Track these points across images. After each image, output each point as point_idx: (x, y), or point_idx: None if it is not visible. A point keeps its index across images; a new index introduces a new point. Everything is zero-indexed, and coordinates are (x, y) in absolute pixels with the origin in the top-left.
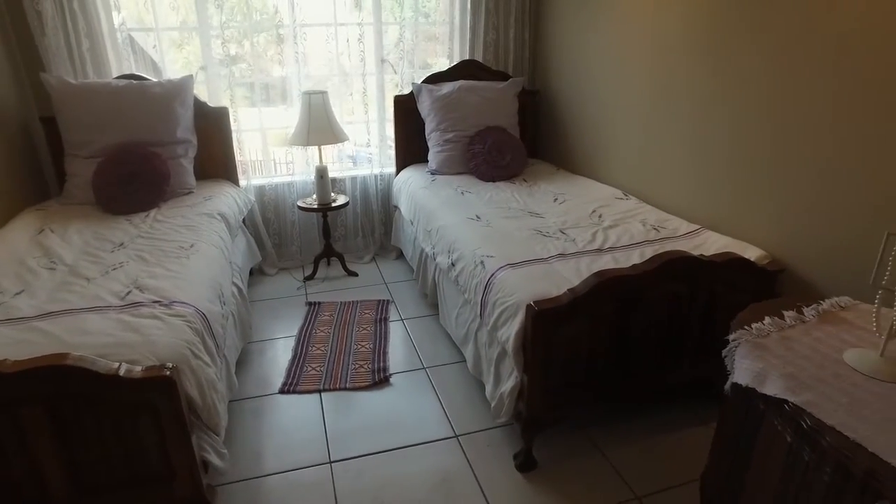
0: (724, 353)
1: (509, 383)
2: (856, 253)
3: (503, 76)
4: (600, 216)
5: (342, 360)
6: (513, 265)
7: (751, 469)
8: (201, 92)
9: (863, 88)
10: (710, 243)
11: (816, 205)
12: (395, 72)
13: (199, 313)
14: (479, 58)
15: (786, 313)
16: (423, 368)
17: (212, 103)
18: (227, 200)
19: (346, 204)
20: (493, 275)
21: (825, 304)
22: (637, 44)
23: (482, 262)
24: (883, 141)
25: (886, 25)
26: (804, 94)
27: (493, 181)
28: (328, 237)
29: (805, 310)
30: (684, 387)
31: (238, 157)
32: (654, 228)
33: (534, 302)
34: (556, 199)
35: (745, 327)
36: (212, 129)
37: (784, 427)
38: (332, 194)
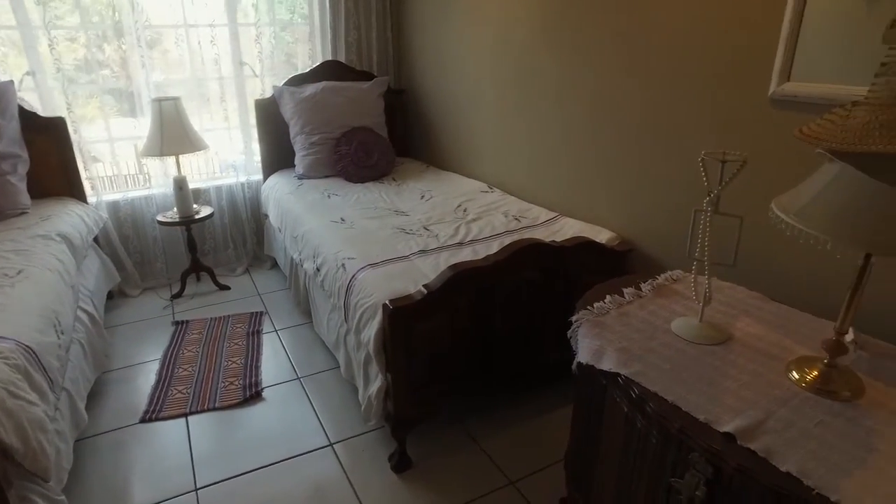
0: (568, 333)
1: (375, 384)
2: (684, 228)
3: (368, 76)
4: (465, 210)
5: (211, 379)
6: (373, 265)
7: (601, 442)
8: (33, 100)
9: (667, 85)
10: (567, 229)
11: (653, 187)
12: (256, 74)
13: (22, 347)
14: (342, 58)
15: (625, 290)
16: (298, 379)
17: (46, 113)
18: (70, 220)
19: (211, 215)
20: (353, 276)
21: (660, 279)
22: (485, 38)
23: (343, 265)
24: (685, 130)
25: (703, 27)
26: (635, 87)
27: (362, 182)
28: (195, 251)
29: (643, 285)
30: (552, 370)
31: (84, 172)
32: (515, 218)
33: (389, 301)
34: (423, 197)
35: (588, 307)
36: (47, 141)
37: (621, 399)
38: (196, 206)
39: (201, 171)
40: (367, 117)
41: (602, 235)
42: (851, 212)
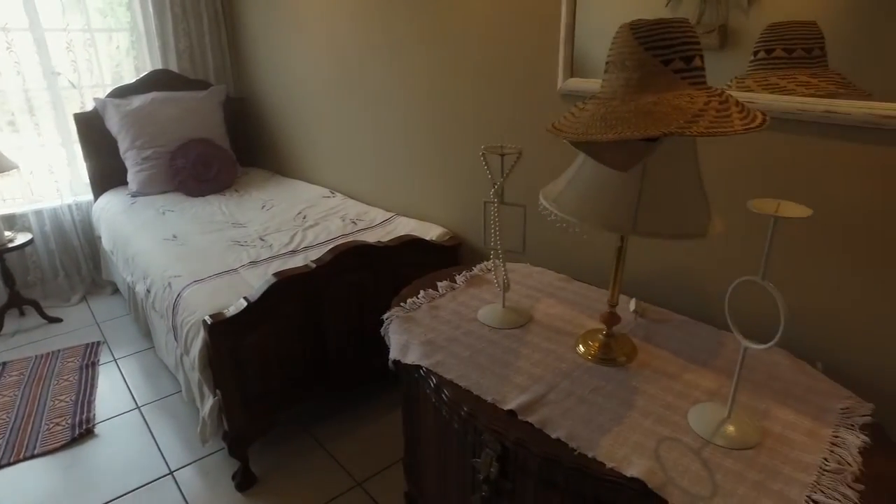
0: (381, 331)
1: (209, 404)
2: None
3: (203, 85)
4: (304, 217)
5: (32, 423)
6: (199, 281)
7: (422, 433)
8: None
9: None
10: (400, 228)
11: (476, 182)
12: (74, 86)
13: None
14: (173, 67)
15: (439, 284)
16: (137, 408)
17: None
18: None
19: (29, 242)
20: (179, 295)
21: (475, 270)
22: (314, 43)
23: (170, 284)
24: (497, 126)
25: (506, 31)
26: (451, 88)
27: (203, 196)
28: (12, 284)
29: (457, 277)
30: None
31: None
32: (353, 222)
33: (210, 316)
34: (263, 206)
35: (401, 304)
36: None
37: (430, 391)
38: (8, 233)
39: (14, 195)
40: (206, 128)
41: (433, 232)
42: (592, 196)
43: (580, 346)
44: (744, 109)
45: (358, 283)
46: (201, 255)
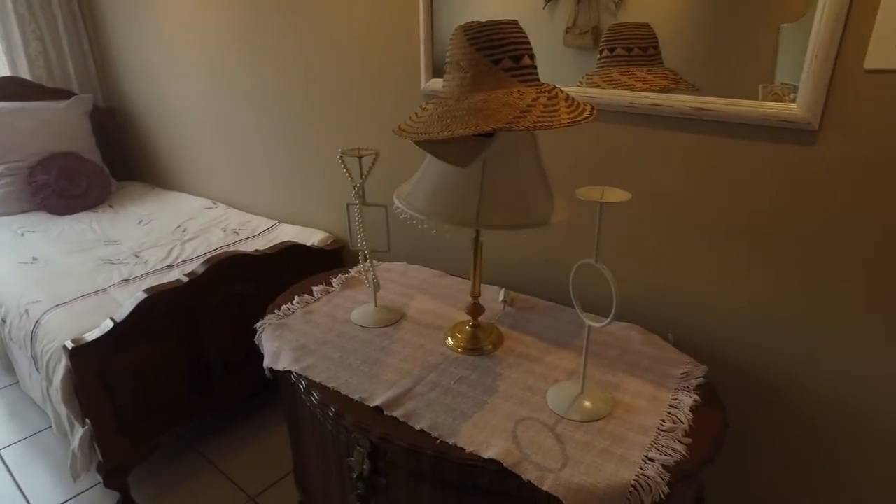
0: (255, 340)
1: (78, 435)
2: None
3: (64, 94)
4: (184, 230)
5: None
6: (62, 305)
7: (305, 440)
8: None
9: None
10: (283, 236)
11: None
12: None
13: None
14: (25, 74)
15: (315, 288)
16: None
17: None
18: None
19: None
20: (37, 322)
21: (352, 272)
22: (186, 49)
23: (27, 311)
24: (373, 129)
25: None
26: (324, 91)
27: (72, 213)
28: None
29: (333, 281)
30: None
31: None
32: (235, 232)
33: (71, 341)
34: (141, 221)
35: (275, 311)
36: None
37: (303, 395)
38: None
39: None
40: (70, 141)
41: (315, 237)
42: (438, 192)
43: (448, 338)
44: (573, 103)
45: (238, 294)
46: (65, 277)
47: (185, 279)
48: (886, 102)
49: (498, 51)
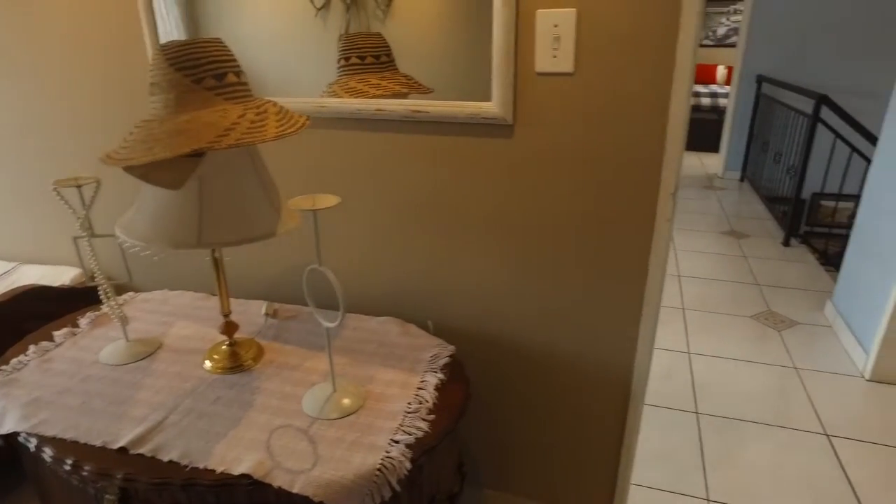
0: None
1: None
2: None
3: None
4: None
5: None
6: None
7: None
8: None
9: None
10: (25, 279)
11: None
12: None
13: None
14: None
15: (56, 333)
16: None
17: None
18: None
19: None
20: None
21: (105, 308)
22: None
23: None
24: None
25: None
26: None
27: None
28: None
29: (81, 321)
30: None
31: None
32: None
33: None
34: None
35: (1, 368)
36: None
37: (38, 454)
38: None
39: None
40: None
41: (66, 276)
42: (158, 217)
43: (207, 361)
44: (284, 116)
45: None
46: None
47: None
48: (554, 98)
49: (199, 70)
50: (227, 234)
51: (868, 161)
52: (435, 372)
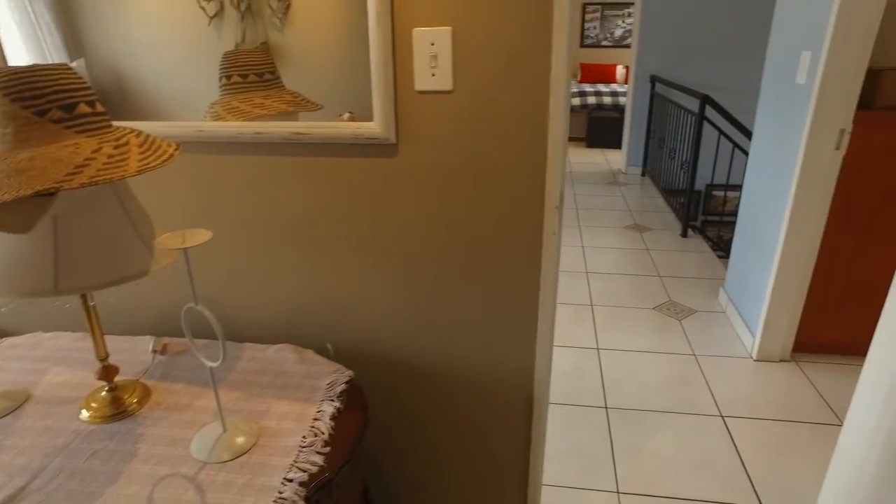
0: None
1: None
2: None
3: None
4: None
5: None
6: None
7: None
8: None
9: None
10: None
11: None
12: None
13: None
14: None
15: None
16: None
17: None
18: None
19: None
20: None
21: None
22: None
23: None
24: None
25: None
26: None
27: None
28: None
29: None
30: None
31: None
32: None
33: None
34: None
35: None
36: None
37: None
38: None
39: None
40: None
41: None
42: (7, 263)
43: (83, 410)
44: (150, 147)
45: None
46: None
47: None
48: (436, 115)
49: (42, 100)
50: (90, 278)
51: (747, 155)
52: (332, 400)
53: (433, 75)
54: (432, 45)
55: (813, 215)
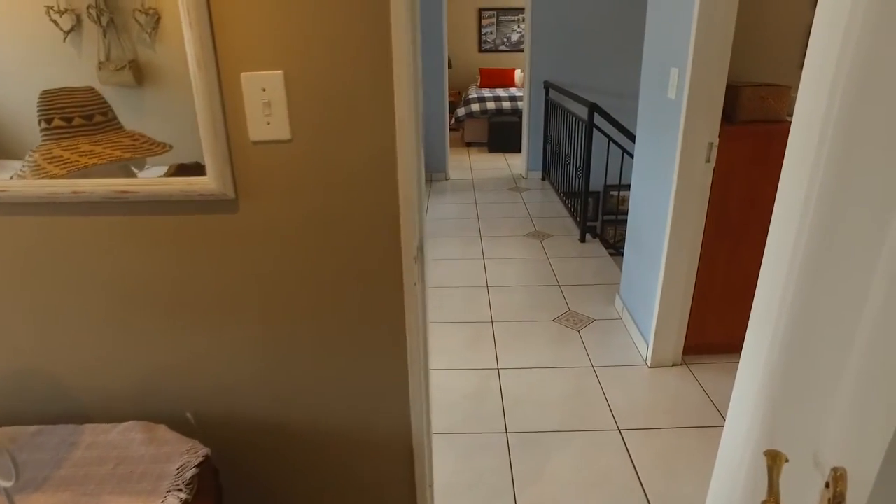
0: None
1: None
2: None
3: None
4: None
5: None
6: None
7: None
8: None
9: None
10: None
11: None
12: None
13: None
14: None
15: None
16: None
17: None
18: None
19: None
20: None
21: None
22: None
23: None
24: None
25: None
26: None
27: None
28: None
29: None
30: None
31: None
32: None
33: None
34: None
35: None
36: None
37: None
38: None
39: None
40: None
41: None
42: None
43: None
44: None
45: None
46: None
47: None
48: (276, 167)
49: None
50: None
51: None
52: (179, 490)
53: (268, 123)
54: (264, 90)
55: (691, 224)
